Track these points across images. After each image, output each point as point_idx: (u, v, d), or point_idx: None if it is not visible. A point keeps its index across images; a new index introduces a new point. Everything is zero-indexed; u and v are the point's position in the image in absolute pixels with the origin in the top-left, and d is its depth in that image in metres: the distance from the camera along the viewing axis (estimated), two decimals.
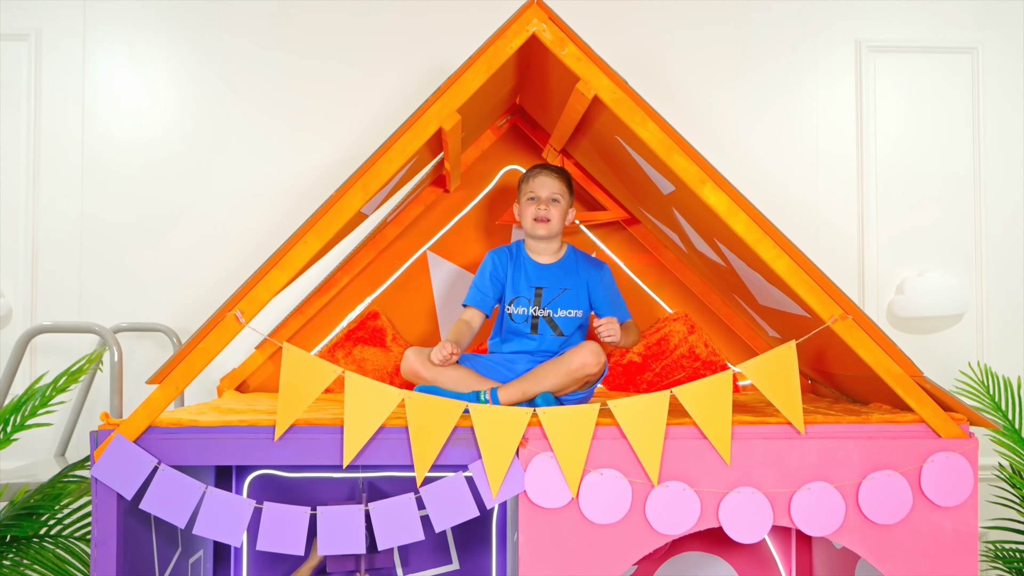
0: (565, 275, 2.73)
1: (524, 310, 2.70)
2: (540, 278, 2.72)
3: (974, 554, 2.24)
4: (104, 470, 2.16)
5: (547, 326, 2.68)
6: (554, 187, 2.70)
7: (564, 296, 2.70)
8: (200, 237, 3.37)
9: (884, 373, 2.24)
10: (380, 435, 2.20)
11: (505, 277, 2.75)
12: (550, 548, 2.21)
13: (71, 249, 3.34)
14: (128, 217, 3.38)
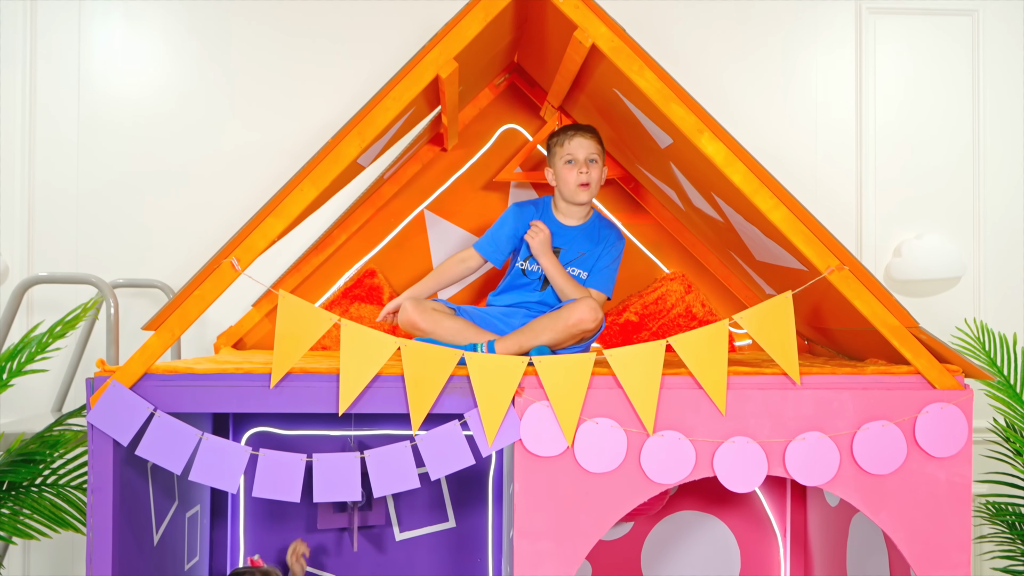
0: (586, 240, 2.73)
1: (537, 267, 2.70)
2: (561, 239, 2.72)
3: (967, 505, 2.24)
4: (100, 416, 2.16)
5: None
6: (591, 147, 2.67)
7: (581, 259, 2.71)
8: (197, 195, 3.36)
9: (880, 324, 2.24)
10: (376, 383, 2.21)
11: (522, 231, 2.73)
12: (545, 496, 2.22)
13: (67, 208, 3.33)
14: (125, 176, 3.37)
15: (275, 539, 3.12)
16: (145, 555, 2.46)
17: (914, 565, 2.25)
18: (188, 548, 2.85)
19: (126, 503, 2.30)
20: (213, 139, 3.38)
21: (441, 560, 3.18)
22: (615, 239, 2.76)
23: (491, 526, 3.18)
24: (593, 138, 2.70)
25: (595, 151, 2.68)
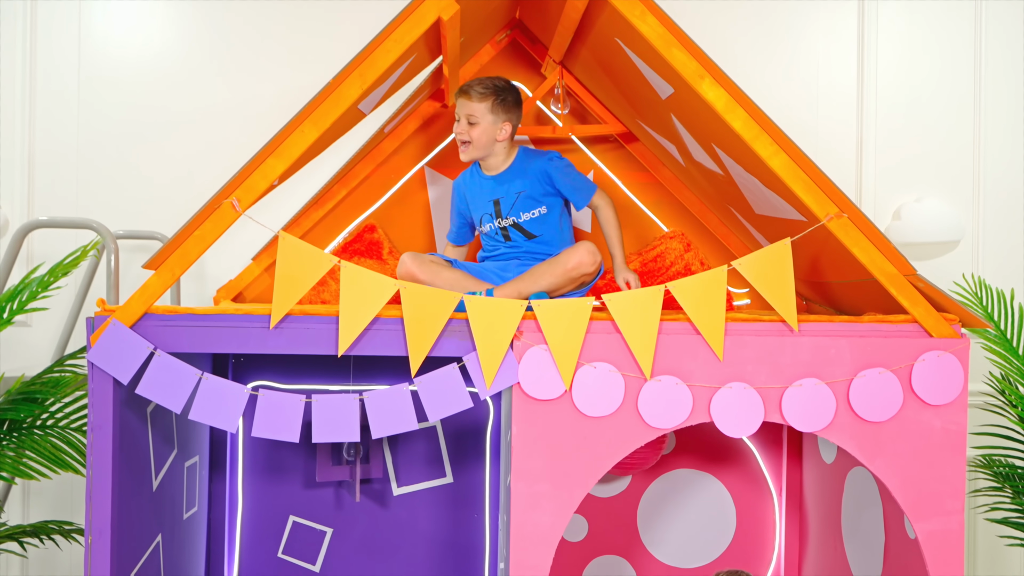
0: (516, 178, 2.74)
1: (490, 226, 2.73)
2: (495, 190, 2.74)
3: (962, 453, 2.26)
4: (100, 355, 2.17)
5: (517, 233, 2.70)
6: (470, 108, 2.69)
7: (521, 199, 2.71)
8: (197, 148, 3.36)
9: (878, 272, 2.24)
10: (375, 326, 2.22)
11: (467, 202, 2.81)
12: (543, 439, 2.23)
13: (68, 160, 3.33)
14: (125, 128, 3.37)
15: (273, 493, 3.13)
16: (144, 499, 2.48)
17: (908, 512, 2.26)
18: (187, 497, 2.87)
19: (126, 445, 2.31)
20: (213, 90, 3.38)
21: (439, 515, 3.20)
22: (545, 160, 2.74)
23: (488, 482, 3.20)
24: (479, 98, 2.69)
25: (476, 111, 2.69)
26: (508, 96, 2.72)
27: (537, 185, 2.73)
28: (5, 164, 3.32)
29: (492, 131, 2.70)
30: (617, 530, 3.23)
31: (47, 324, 3.25)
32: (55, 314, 3.28)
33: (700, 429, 3.19)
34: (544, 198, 2.72)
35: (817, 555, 3.03)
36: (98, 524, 2.21)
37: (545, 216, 2.72)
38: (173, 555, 2.74)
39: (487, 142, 2.70)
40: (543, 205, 2.71)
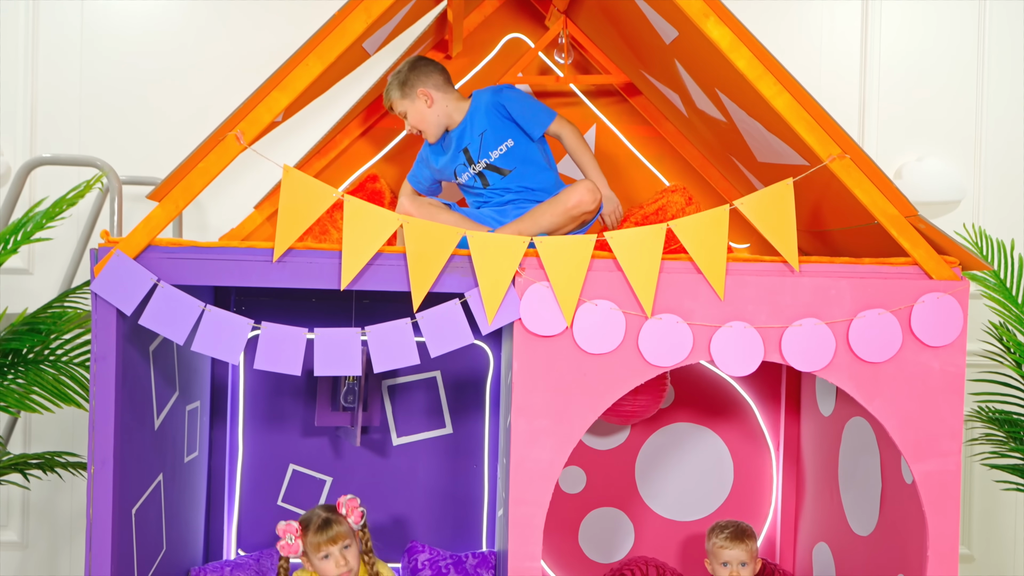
0: (474, 121, 2.74)
1: (467, 175, 2.75)
2: (460, 140, 2.75)
3: (960, 394, 2.27)
4: (104, 285, 2.18)
5: (493, 174, 2.71)
6: (395, 110, 2.76)
7: (485, 138, 2.71)
8: (199, 99, 3.36)
9: (880, 214, 2.25)
10: (378, 261, 2.22)
11: (437, 162, 2.82)
12: (543, 375, 2.24)
13: (70, 115, 3.34)
14: (128, 84, 3.37)
15: (274, 441, 3.15)
16: (146, 436, 2.49)
17: (905, 453, 2.28)
18: (188, 441, 2.88)
19: (128, 379, 2.32)
20: (216, 41, 3.38)
21: (438, 465, 3.22)
22: (494, 95, 2.73)
23: (487, 433, 3.22)
24: (389, 101, 2.76)
25: (399, 109, 2.75)
26: (405, 76, 2.72)
27: (495, 119, 2.72)
28: (7, 112, 3.32)
29: (422, 110, 2.72)
30: (615, 482, 3.24)
31: (50, 270, 3.26)
32: (57, 261, 3.29)
33: (699, 383, 3.23)
34: (506, 130, 2.71)
35: (814, 507, 3.05)
36: (101, 454, 2.22)
37: (513, 149, 2.71)
38: (174, 497, 2.75)
39: (430, 119, 2.73)
40: (508, 138, 2.71)
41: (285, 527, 2.46)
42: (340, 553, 2.44)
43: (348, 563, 2.45)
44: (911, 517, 2.40)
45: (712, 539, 2.72)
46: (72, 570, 3.45)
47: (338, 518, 2.48)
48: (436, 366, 3.21)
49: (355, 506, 2.54)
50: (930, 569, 2.29)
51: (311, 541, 2.44)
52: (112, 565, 2.26)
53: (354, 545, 2.49)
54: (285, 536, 2.45)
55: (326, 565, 2.44)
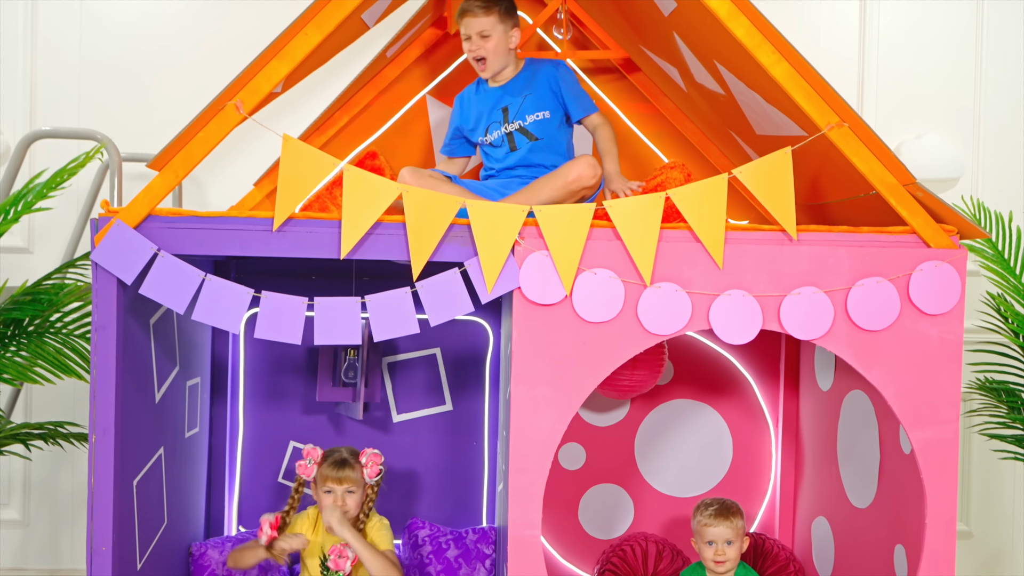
0: (524, 84, 2.77)
1: (498, 133, 2.75)
2: (503, 98, 2.77)
3: (958, 362, 2.28)
4: (104, 255, 2.18)
5: (522, 136, 2.73)
6: (479, 24, 2.70)
7: (527, 101, 2.74)
8: (199, 82, 3.35)
9: (878, 182, 2.26)
10: (378, 230, 2.23)
11: (470, 116, 2.83)
12: (543, 343, 2.25)
13: (69, 94, 3.34)
14: (127, 64, 3.38)
15: (274, 418, 3.16)
16: (147, 409, 2.50)
17: (904, 421, 2.29)
18: (189, 416, 2.89)
19: (129, 351, 2.33)
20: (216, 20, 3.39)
21: (438, 442, 3.23)
22: (552, 67, 2.79)
23: (487, 410, 3.23)
24: (483, 12, 2.69)
25: (486, 25, 2.70)
26: (508, 4, 2.75)
27: (543, 89, 2.76)
28: (6, 93, 3.32)
29: (504, 41, 2.72)
30: (615, 459, 3.25)
31: (50, 248, 3.27)
32: (58, 239, 3.30)
33: (698, 360, 3.24)
34: (548, 102, 2.75)
35: (812, 482, 3.06)
36: (102, 423, 2.23)
37: (547, 120, 2.75)
38: (175, 472, 2.76)
39: (503, 52, 2.73)
40: (547, 109, 2.75)
41: (310, 450, 2.61)
42: (342, 494, 2.56)
43: (346, 506, 2.56)
44: (909, 487, 2.41)
45: (697, 517, 2.64)
46: (73, 549, 3.46)
47: (355, 464, 2.60)
48: (436, 343, 3.22)
49: (377, 461, 2.63)
50: (928, 537, 2.30)
51: (322, 472, 2.58)
52: (114, 535, 2.27)
53: (359, 493, 2.59)
54: (307, 458, 2.59)
55: (325, 499, 2.57)
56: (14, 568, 3.44)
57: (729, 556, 2.58)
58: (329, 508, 2.53)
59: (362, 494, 2.61)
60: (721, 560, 2.58)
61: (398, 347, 3.22)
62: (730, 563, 2.60)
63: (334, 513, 2.51)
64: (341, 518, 2.51)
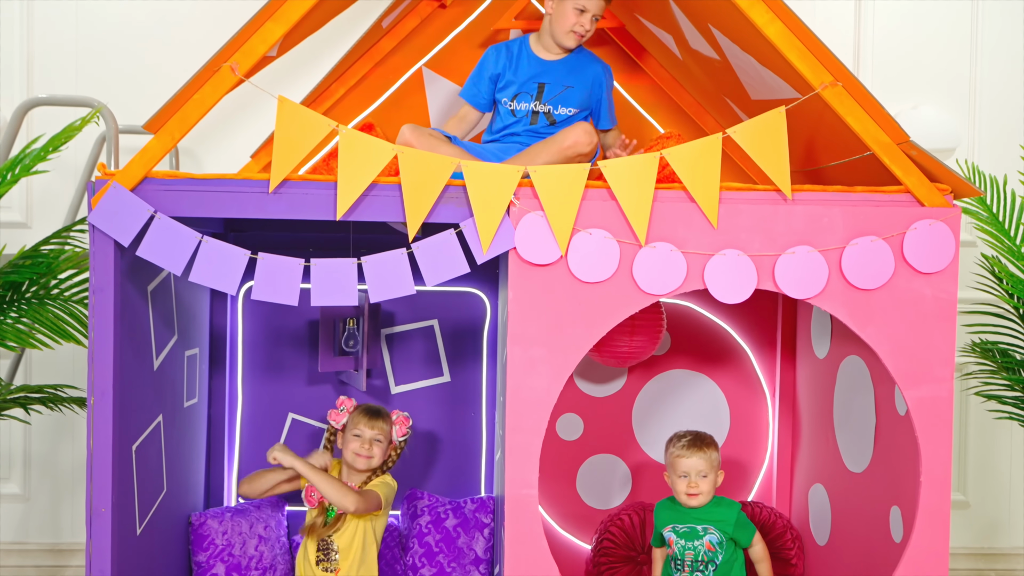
0: (569, 72, 2.74)
1: (527, 105, 2.73)
2: (544, 73, 2.74)
3: (952, 321, 2.29)
4: (101, 217, 2.19)
5: (546, 120, 2.72)
6: (602, 5, 2.67)
7: (566, 93, 2.73)
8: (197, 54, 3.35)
9: (872, 142, 2.26)
10: (373, 191, 2.24)
11: (502, 74, 2.77)
12: (539, 304, 2.26)
13: (66, 68, 3.34)
14: (123, 37, 3.37)
15: (272, 391, 3.16)
16: (145, 375, 2.51)
17: (898, 380, 2.30)
18: (187, 386, 2.90)
19: (126, 315, 2.34)
20: None
21: (437, 413, 3.24)
22: (601, 68, 2.78)
23: (485, 381, 3.24)
24: None
25: (603, 9, 2.70)
26: None
27: (586, 88, 2.75)
28: (4, 66, 3.33)
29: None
30: (612, 429, 3.26)
31: (48, 223, 3.28)
32: (55, 214, 3.31)
33: (694, 330, 3.25)
34: (584, 101, 2.75)
35: (809, 449, 3.08)
36: (100, 385, 2.24)
37: (573, 118, 2.74)
38: (174, 441, 2.77)
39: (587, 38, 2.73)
40: (578, 108, 2.74)
41: (345, 399, 2.72)
42: (370, 440, 2.65)
43: (371, 452, 2.65)
44: (905, 449, 2.42)
45: (670, 449, 2.61)
46: (74, 523, 3.47)
47: (388, 419, 2.72)
48: (433, 315, 3.23)
49: (405, 423, 2.76)
50: (923, 495, 2.31)
51: (354, 417, 2.69)
52: (113, 497, 2.28)
53: (384, 446, 2.69)
54: (340, 406, 2.70)
55: (353, 443, 2.65)
56: (15, 542, 3.45)
57: (702, 489, 2.58)
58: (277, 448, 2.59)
59: (387, 449, 2.71)
60: (694, 493, 2.58)
61: (395, 319, 3.23)
62: (703, 496, 2.59)
63: (276, 446, 2.60)
64: (282, 447, 2.59)
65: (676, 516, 2.66)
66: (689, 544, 2.63)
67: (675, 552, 2.65)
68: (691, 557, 2.63)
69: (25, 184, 3.31)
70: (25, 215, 3.39)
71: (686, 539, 2.64)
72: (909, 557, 2.32)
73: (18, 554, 3.44)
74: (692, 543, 2.63)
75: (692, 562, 2.63)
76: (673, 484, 2.63)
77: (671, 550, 2.67)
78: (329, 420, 2.73)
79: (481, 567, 3.03)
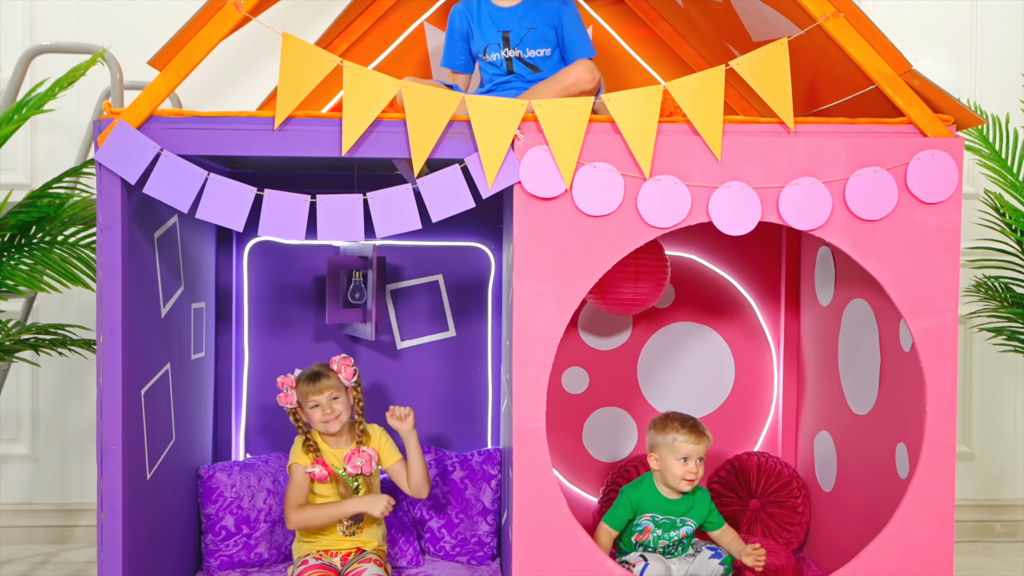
0: (528, 13, 2.73)
1: (497, 55, 2.74)
2: (505, 21, 2.74)
3: (956, 251, 2.30)
4: (108, 155, 2.20)
5: (522, 66, 2.72)
6: None
7: (531, 35, 2.72)
8: None
9: (875, 73, 2.27)
10: (378, 127, 2.25)
11: (470, 31, 2.79)
12: (544, 238, 2.27)
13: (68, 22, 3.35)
14: None
15: (279, 347, 3.18)
16: (153, 319, 2.52)
17: (903, 310, 2.31)
18: (195, 339, 2.91)
19: (134, 257, 2.35)
20: None
21: (443, 367, 3.25)
22: (558, 2, 2.73)
23: (491, 335, 3.25)
24: None
25: None
26: None
27: (546, 25, 2.73)
28: (5, 19, 3.33)
29: None
30: (618, 382, 3.28)
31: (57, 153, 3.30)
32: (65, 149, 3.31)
33: (699, 282, 3.26)
34: (550, 39, 2.73)
35: (814, 398, 3.08)
36: (109, 323, 2.25)
37: (548, 58, 2.74)
38: (182, 391, 2.79)
39: None
40: (548, 47, 2.73)
41: (283, 380, 2.66)
42: (327, 403, 2.63)
43: (335, 411, 2.63)
44: (910, 385, 2.43)
45: (671, 433, 2.59)
46: (82, 483, 3.49)
47: (328, 372, 2.68)
48: (438, 270, 3.24)
49: (347, 364, 2.71)
50: (929, 427, 2.32)
51: (301, 391, 2.65)
52: (123, 435, 2.29)
53: (343, 397, 2.66)
54: (282, 388, 2.65)
55: (314, 414, 2.64)
56: (24, 503, 3.47)
57: (700, 475, 2.60)
58: (391, 419, 2.63)
59: (347, 397, 2.68)
60: (692, 479, 2.59)
61: (401, 274, 3.24)
62: (697, 480, 2.61)
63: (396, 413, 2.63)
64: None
65: (659, 506, 2.64)
66: (665, 535, 2.65)
67: (647, 540, 2.65)
68: (663, 546, 2.65)
69: (29, 145, 3.33)
70: (30, 176, 3.40)
71: (663, 529, 2.65)
72: (915, 489, 2.32)
73: (27, 514, 3.46)
74: (668, 534, 2.65)
75: (663, 549, 2.64)
76: (667, 467, 2.59)
77: (642, 537, 2.65)
78: (282, 405, 2.68)
79: (489, 518, 3.04)
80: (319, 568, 2.62)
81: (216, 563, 2.90)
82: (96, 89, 3.25)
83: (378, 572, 2.60)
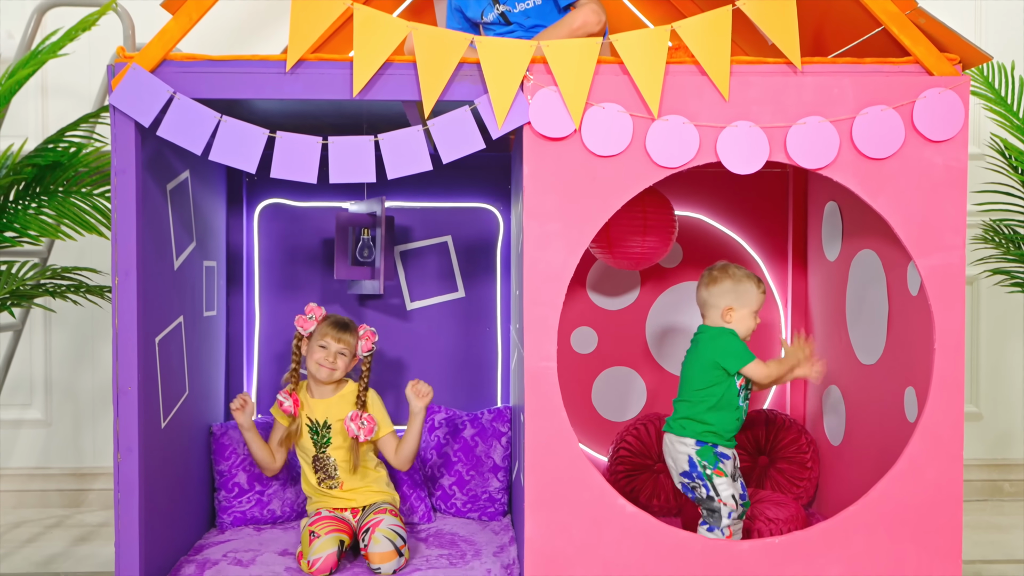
0: None
1: (492, 14, 2.75)
2: None
3: (963, 189, 2.31)
4: (122, 98, 2.23)
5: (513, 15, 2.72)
6: None
7: None
8: None
9: (881, 13, 2.29)
10: (388, 70, 2.27)
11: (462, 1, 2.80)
12: (553, 178, 2.29)
13: None
14: None
15: (289, 308, 3.20)
16: (166, 269, 2.55)
17: (910, 248, 2.32)
18: (207, 296, 2.94)
19: (147, 203, 2.37)
20: None
21: (452, 327, 3.28)
22: None
23: (499, 295, 3.27)
24: None
25: None
26: None
27: None
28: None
29: None
30: (626, 342, 3.29)
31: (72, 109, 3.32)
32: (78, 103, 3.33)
33: (706, 242, 3.27)
34: None
35: (822, 354, 3.09)
36: (124, 265, 2.28)
37: (539, 7, 2.74)
38: (194, 346, 2.81)
39: None
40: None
41: (314, 307, 2.74)
42: (335, 353, 2.70)
43: (334, 364, 2.70)
44: (918, 329, 2.45)
45: (745, 284, 2.56)
46: (96, 447, 3.52)
47: (353, 332, 2.74)
48: (447, 231, 3.27)
49: (371, 337, 2.76)
50: (937, 365, 2.33)
51: (321, 328, 2.71)
52: (139, 379, 2.31)
53: (348, 359, 2.73)
54: (309, 313, 2.72)
55: (317, 353, 2.70)
56: (38, 467, 3.50)
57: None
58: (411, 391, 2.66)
59: (350, 363, 2.74)
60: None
61: (410, 235, 3.26)
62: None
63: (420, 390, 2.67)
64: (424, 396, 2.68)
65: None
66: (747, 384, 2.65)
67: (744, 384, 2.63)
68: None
69: (40, 110, 3.35)
70: (41, 140, 3.43)
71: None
72: (924, 427, 2.34)
73: (41, 478, 3.49)
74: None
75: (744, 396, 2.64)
76: (742, 319, 2.58)
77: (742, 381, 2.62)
78: (297, 326, 2.74)
79: (499, 474, 3.06)
80: (331, 520, 2.64)
81: (229, 519, 2.92)
82: (106, 55, 3.29)
83: (394, 521, 2.62)
